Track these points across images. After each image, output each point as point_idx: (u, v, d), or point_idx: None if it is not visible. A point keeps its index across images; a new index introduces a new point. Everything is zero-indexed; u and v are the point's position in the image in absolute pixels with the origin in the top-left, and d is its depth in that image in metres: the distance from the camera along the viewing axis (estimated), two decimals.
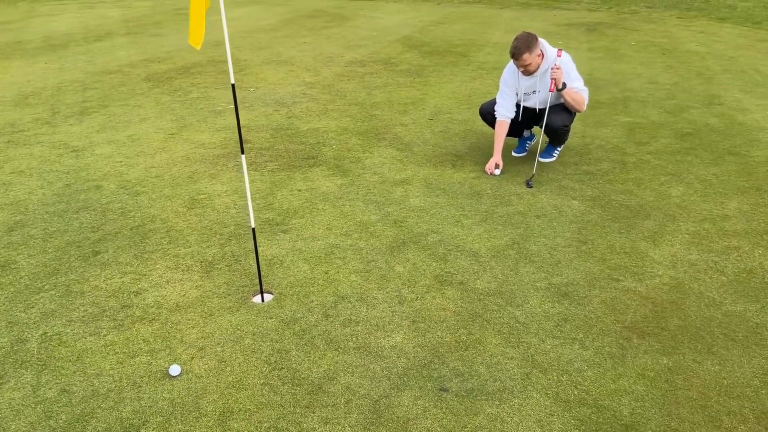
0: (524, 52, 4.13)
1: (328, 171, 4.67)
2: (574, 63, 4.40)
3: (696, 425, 2.25)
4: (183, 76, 7.69)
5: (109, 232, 3.78)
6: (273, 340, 2.78)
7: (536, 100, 4.45)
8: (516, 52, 4.15)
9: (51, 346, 2.76)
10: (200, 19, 2.58)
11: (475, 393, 2.43)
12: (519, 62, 4.22)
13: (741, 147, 4.94)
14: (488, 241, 3.59)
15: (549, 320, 2.87)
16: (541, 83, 4.35)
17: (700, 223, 3.73)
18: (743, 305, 2.94)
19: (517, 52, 4.14)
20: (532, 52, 4.13)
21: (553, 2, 13.40)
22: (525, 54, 4.13)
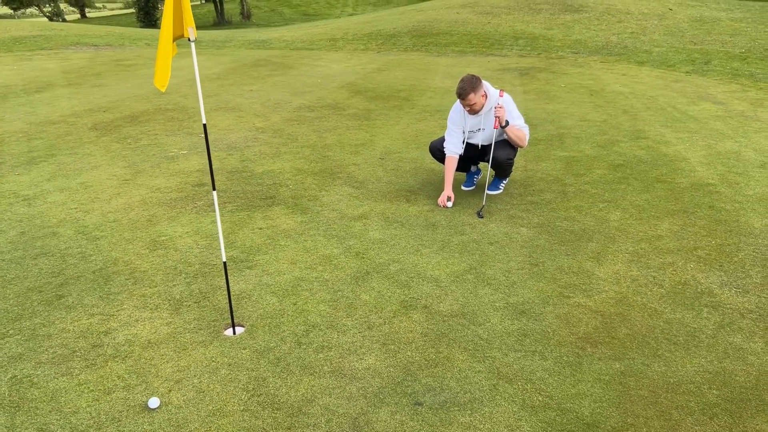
0: (470, 92, 4.46)
1: (287, 209, 4.80)
2: (514, 103, 4.76)
3: (649, 419, 2.47)
4: (131, 124, 7.71)
5: (71, 276, 3.77)
6: (249, 369, 2.86)
7: (481, 137, 4.77)
8: (462, 92, 4.47)
9: (22, 388, 2.74)
10: (166, 63, 2.72)
11: (447, 405, 2.58)
12: (465, 102, 4.53)
13: (667, 175, 5.40)
14: (447, 268, 3.79)
15: (510, 336, 3.06)
16: (486, 121, 4.68)
17: (638, 243, 4.06)
18: (681, 313, 3.23)
19: (464, 93, 4.47)
20: (476, 93, 4.46)
21: (487, 49, 14.18)
22: (471, 94, 4.46)
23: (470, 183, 5.25)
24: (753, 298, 3.35)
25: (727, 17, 15.47)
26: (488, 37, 15.22)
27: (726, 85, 9.84)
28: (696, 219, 4.43)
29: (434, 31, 16.29)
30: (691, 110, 8.02)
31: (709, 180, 5.23)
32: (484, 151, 4.88)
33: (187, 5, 2.65)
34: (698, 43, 13.22)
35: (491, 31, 15.83)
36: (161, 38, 2.65)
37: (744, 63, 11.24)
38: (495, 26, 16.17)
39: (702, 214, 4.50)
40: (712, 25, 14.65)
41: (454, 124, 4.80)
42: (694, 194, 4.91)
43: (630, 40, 13.98)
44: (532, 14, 16.98)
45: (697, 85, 9.92)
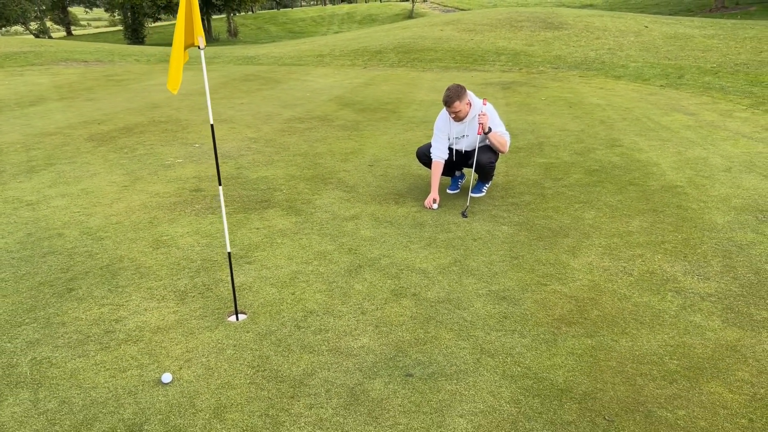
0: (455, 100, 4.81)
1: (282, 211, 5.06)
2: (497, 112, 5.09)
3: (615, 385, 2.76)
4: (126, 135, 7.94)
5: (80, 272, 4.00)
6: (252, 349, 3.10)
7: (465, 143, 5.09)
8: (448, 100, 4.82)
9: (42, 368, 2.96)
10: (178, 68, 3.00)
11: (435, 376, 2.85)
12: (451, 109, 4.88)
13: (639, 179, 5.74)
14: (434, 261, 4.07)
15: (492, 318, 3.35)
16: (470, 128, 5.01)
17: (610, 238, 4.38)
18: (648, 297, 3.54)
19: (450, 101, 4.81)
20: (462, 101, 4.81)
21: (470, 65, 14.62)
22: (456, 102, 4.81)
23: (455, 186, 5.56)
24: (713, 284, 3.66)
25: (700, 34, 16.08)
26: (471, 53, 15.67)
27: (698, 97, 10.31)
28: (664, 217, 4.76)
29: (419, 47, 16.73)
30: (664, 120, 8.42)
31: (677, 183, 5.58)
32: (467, 157, 5.20)
33: (198, 17, 2.94)
34: (672, 59, 13.76)
35: (474, 47, 16.30)
36: (174, 46, 2.93)
37: (715, 77, 11.74)
38: (478, 43, 16.65)
39: (670, 213, 4.83)
40: (685, 42, 15.24)
41: (440, 131, 5.13)
42: (664, 195, 5.25)
43: (607, 56, 14.49)
44: (514, 31, 17.50)
45: (670, 97, 10.37)
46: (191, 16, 2.94)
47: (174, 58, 2.94)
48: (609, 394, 2.70)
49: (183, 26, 2.91)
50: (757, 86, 10.64)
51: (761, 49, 13.29)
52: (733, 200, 5.06)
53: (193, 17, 2.94)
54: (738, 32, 15.97)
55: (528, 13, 19.76)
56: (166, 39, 37.05)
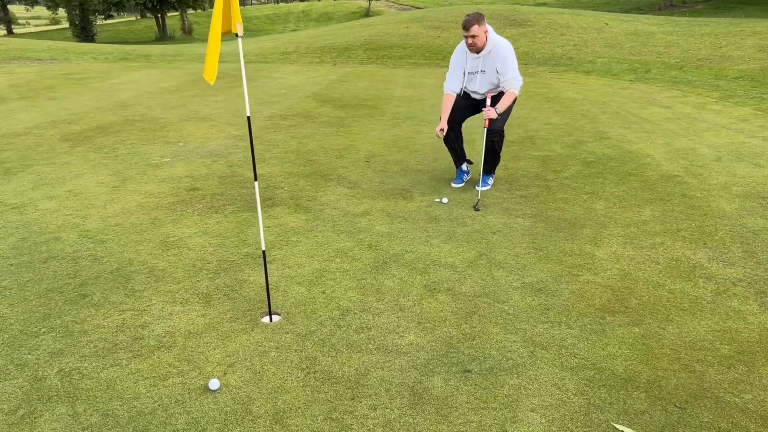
0: (474, 24, 4.69)
1: (289, 209, 4.91)
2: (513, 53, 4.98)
3: (676, 372, 2.75)
4: (102, 135, 7.59)
5: (89, 277, 3.76)
6: (296, 350, 2.97)
7: (479, 82, 5.03)
8: (467, 24, 4.71)
9: (74, 379, 2.76)
10: (215, 57, 2.83)
11: (494, 371, 2.78)
12: (469, 33, 4.73)
13: (637, 170, 5.83)
14: (459, 255, 4.01)
15: (534, 310, 3.30)
16: (485, 64, 4.91)
17: (627, 228, 4.41)
18: (680, 284, 3.56)
19: (468, 24, 4.71)
20: (480, 26, 4.71)
21: (440, 62, 14.64)
22: (474, 26, 4.69)
23: (460, 180, 5.51)
24: (739, 269, 3.72)
25: (659, 31, 16.56)
26: (440, 50, 15.71)
27: (668, 91, 10.58)
28: (672, 206, 4.82)
29: (387, 44, 16.67)
30: (643, 113, 8.61)
31: (675, 173, 5.68)
32: (478, 107, 5.26)
33: (236, 3, 2.78)
34: (636, 54, 14.11)
35: (442, 44, 16.35)
36: (211, 34, 2.76)
37: (681, 71, 12.10)
38: (445, 39, 16.71)
39: (677, 202, 4.91)
40: (646, 38, 15.66)
41: (455, 65, 5.09)
42: (666, 185, 5.33)
43: (574, 52, 14.75)
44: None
45: (642, 91, 10.62)
46: (229, 3, 2.78)
47: (211, 46, 2.77)
48: (672, 381, 2.68)
49: (220, 13, 2.75)
50: (722, 80, 11.01)
51: (720, 45, 13.78)
52: (734, 188, 5.18)
53: (231, 3, 2.78)
54: (694, 29, 16.51)
55: (491, 10, 19.94)
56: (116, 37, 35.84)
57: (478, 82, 5.07)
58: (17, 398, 2.63)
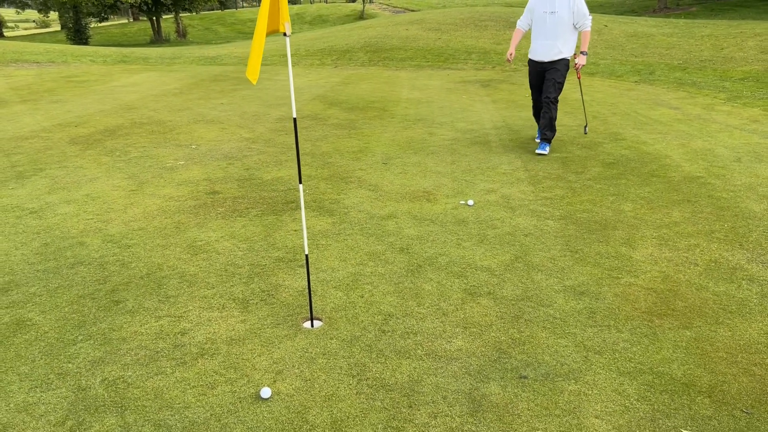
0: None
1: (313, 212, 4.84)
2: None
3: (736, 376, 2.70)
4: (111, 138, 7.49)
5: (120, 282, 3.67)
6: (344, 356, 2.90)
7: (550, 22, 6.00)
8: None
9: (119, 389, 2.67)
10: (259, 56, 2.76)
11: (551, 376, 2.72)
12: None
13: (659, 171, 5.80)
14: (494, 258, 3.95)
15: (580, 314, 3.25)
16: (558, 4, 5.91)
17: (659, 229, 4.37)
18: (724, 286, 3.52)
19: None
20: None
21: (443, 63, 14.62)
22: None
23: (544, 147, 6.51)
24: None
25: (659, 32, 16.61)
26: (441, 52, 15.68)
27: (674, 92, 10.59)
28: (701, 207, 4.79)
29: (387, 46, 16.62)
30: (653, 114, 8.60)
31: (697, 173, 5.66)
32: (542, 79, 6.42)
33: (285, 1, 2.71)
34: (639, 56, 14.14)
35: (443, 46, 16.32)
36: (256, 33, 2.69)
37: (685, 73, 12.12)
38: (446, 42, 16.68)
39: (705, 203, 4.88)
40: (647, 40, 15.70)
41: (529, 8, 6.23)
42: (690, 186, 5.31)
43: None
44: (479, 30, 17.63)
45: (648, 93, 10.62)
46: (277, 2, 2.71)
47: (256, 45, 2.70)
48: (734, 386, 2.64)
49: (267, 12, 2.68)
50: (728, 81, 11.03)
51: (721, 46, 13.83)
52: (759, 189, 5.16)
53: (279, 2, 2.71)
54: (693, 30, 16.57)
55: (489, 13, 19.95)
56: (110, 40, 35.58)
57: (548, 23, 6.01)
58: (63, 409, 2.54)
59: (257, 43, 2.73)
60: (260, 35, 2.72)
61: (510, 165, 6.09)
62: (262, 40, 2.74)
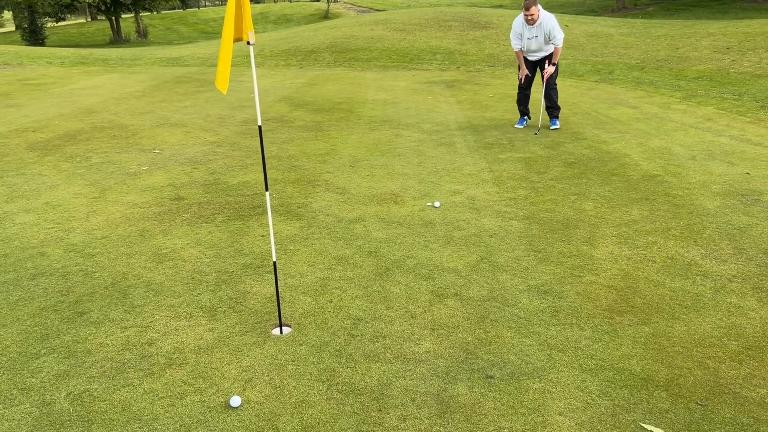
0: (532, 5, 6.94)
1: (281, 217, 4.83)
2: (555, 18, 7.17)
3: (691, 369, 2.82)
4: (71, 143, 7.34)
5: (83, 293, 3.62)
6: (314, 362, 2.92)
7: (535, 44, 7.29)
8: (529, 4, 6.92)
9: (85, 402, 2.65)
10: (227, 65, 2.76)
11: (516, 375, 2.80)
12: (529, 12, 6.98)
13: (618, 170, 5.96)
14: (460, 259, 4.02)
15: (544, 313, 3.34)
16: (538, 31, 7.17)
17: (619, 228, 4.50)
18: (680, 282, 3.66)
19: (529, 4, 6.93)
20: (536, 6, 6.97)
21: (408, 64, 14.70)
22: (533, 6, 6.95)
23: (521, 124, 7.88)
24: (732, 266, 3.85)
25: (617, 32, 17.02)
26: (407, 53, 15.76)
27: (633, 91, 10.87)
28: (658, 205, 4.95)
29: (353, 47, 16.63)
30: (613, 114, 8.82)
31: (654, 172, 5.84)
32: (535, 69, 7.69)
33: (248, 10, 2.72)
34: (599, 56, 14.46)
35: (408, 46, 16.41)
36: (223, 42, 2.69)
37: (642, 72, 12.45)
38: (411, 42, 16.78)
39: (662, 201, 5.04)
40: (606, 40, 16.07)
41: (515, 33, 7.34)
42: (648, 184, 5.47)
43: None
44: (444, 30, 17.78)
45: (608, 92, 10.88)
46: (240, 10, 2.72)
47: (223, 54, 2.70)
48: (690, 379, 2.75)
49: (232, 20, 2.68)
50: (683, 80, 11.38)
51: (677, 46, 14.23)
52: (713, 186, 5.35)
53: (243, 11, 2.71)
54: (650, 30, 17.02)
55: (453, 13, 20.13)
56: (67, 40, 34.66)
57: (533, 43, 7.29)
58: (28, 425, 2.50)
59: (225, 53, 2.73)
60: (227, 45, 2.72)
61: (475, 166, 6.18)
62: (230, 50, 2.74)
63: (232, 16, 2.67)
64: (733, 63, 11.91)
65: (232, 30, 2.69)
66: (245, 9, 2.71)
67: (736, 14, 22.04)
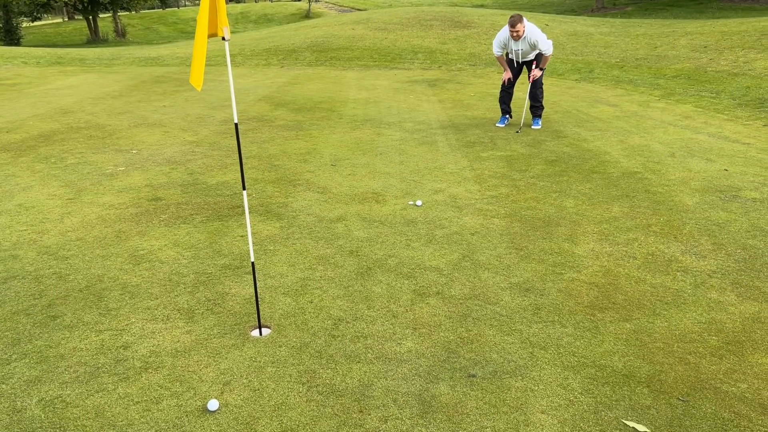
0: (518, 22, 7.06)
1: (260, 217, 4.77)
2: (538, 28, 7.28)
3: (672, 365, 2.82)
4: (46, 144, 7.19)
5: (56, 296, 3.53)
6: (294, 364, 2.87)
7: (521, 53, 7.42)
8: (514, 21, 7.07)
9: (57, 409, 2.57)
10: (202, 62, 2.71)
11: (499, 374, 2.77)
12: (514, 29, 7.10)
13: (598, 167, 5.98)
14: (442, 258, 3.99)
15: (526, 310, 3.32)
16: (523, 44, 7.28)
17: (600, 225, 4.51)
18: (660, 278, 3.66)
19: (515, 21, 7.07)
20: (522, 24, 7.08)
21: (390, 63, 14.67)
22: (519, 24, 7.07)
23: (503, 122, 7.91)
24: (712, 261, 3.87)
25: (597, 32, 17.15)
26: (388, 52, 15.73)
27: (612, 90, 10.95)
28: (638, 201, 4.97)
29: (334, 46, 16.56)
30: (593, 112, 8.87)
31: (634, 169, 5.87)
32: (521, 68, 7.72)
33: (223, 5, 2.66)
34: (579, 55, 14.55)
35: (389, 45, 16.38)
36: (197, 38, 2.64)
37: (622, 71, 12.55)
38: (392, 41, 16.75)
39: (642, 198, 5.06)
40: (586, 39, 16.18)
41: (498, 45, 7.50)
42: (628, 181, 5.50)
43: None
44: (425, 30, 17.78)
45: (588, 90, 10.95)
46: (215, 5, 2.66)
47: (197, 51, 2.64)
48: (671, 375, 2.75)
49: (207, 16, 2.62)
50: (662, 79, 11.49)
51: (655, 45, 14.38)
52: (692, 183, 5.39)
53: (217, 6, 2.66)
54: (629, 30, 17.18)
55: (434, 12, 20.15)
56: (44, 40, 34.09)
57: (520, 54, 7.47)
58: None
59: (199, 49, 2.67)
60: (201, 40, 2.66)
61: (456, 164, 6.17)
62: (204, 46, 2.68)
63: (207, 12, 2.62)
64: (710, 62, 12.06)
65: (206, 25, 2.64)
66: (220, 4, 2.66)
67: (712, 14, 22.34)
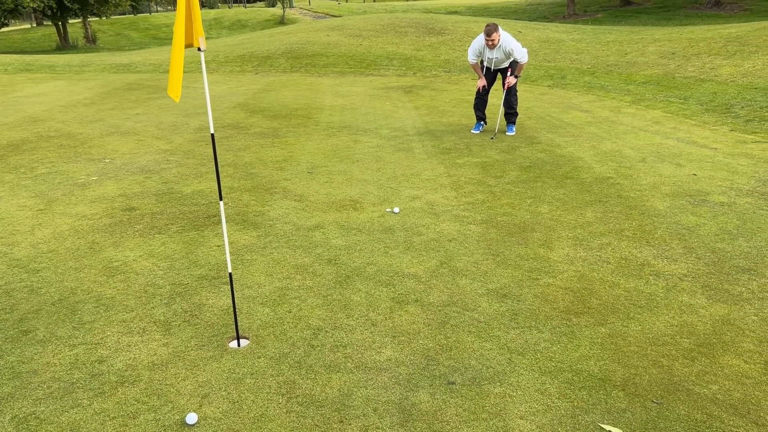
0: (494, 31, 7.18)
1: (237, 226, 4.74)
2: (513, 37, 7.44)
3: (646, 368, 2.87)
4: (15, 153, 7.06)
5: (28, 310, 3.46)
6: (273, 375, 2.86)
7: (495, 62, 7.60)
8: (490, 30, 7.17)
9: (31, 426, 2.52)
10: (179, 72, 2.69)
11: (477, 380, 2.80)
12: (490, 38, 7.22)
13: (572, 173, 6.08)
14: (420, 265, 4.01)
15: (503, 316, 3.35)
16: (498, 53, 7.45)
17: (574, 230, 4.58)
18: (634, 282, 3.73)
19: (491, 31, 7.17)
20: (497, 33, 7.21)
21: (365, 69, 14.70)
22: (494, 33, 7.19)
23: (477, 129, 8.00)
24: (683, 265, 3.95)
25: (569, 38, 17.42)
26: (363, 58, 15.77)
27: (584, 96, 11.14)
28: (611, 206, 5.06)
29: (309, 52, 16.55)
30: (566, 118, 9.00)
31: (607, 174, 5.97)
32: (495, 75, 7.87)
33: (198, 16, 2.65)
34: (551, 61, 14.77)
35: (364, 52, 16.43)
36: (174, 48, 2.62)
37: (593, 77, 12.77)
38: (367, 48, 16.80)
39: (614, 202, 5.16)
40: (558, 45, 16.43)
41: (474, 53, 7.62)
42: (601, 186, 5.59)
43: None
44: (400, 36, 17.87)
45: (560, 96, 11.11)
46: (191, 15, 2.65)
47: (174, 61, 2.63)
48: (645, 378, 2.80)
49: (183, 26, 2.61)
50: (632, 84, 11.71)
51: (625, 51, 14.66)
52: (662, 187, 5.50)
53: (193, 17, 2.65)
54: (600, 36, 17.49)
55: (408, 19, 20.26)
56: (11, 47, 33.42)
57: (494, 63, 7.62)
58: None
59: (176, 60, 2.66)
60: (178, 51, 2.65)
61: (433, 171, 6.21)
62: (181, 57, 2.66)
63: (183, 22, 2.60)
64: (678, 68, 12.33)
65: (182, 36, 2.62)
66: (195, 14, 2.65)
67: (680, 21, 22.86)
